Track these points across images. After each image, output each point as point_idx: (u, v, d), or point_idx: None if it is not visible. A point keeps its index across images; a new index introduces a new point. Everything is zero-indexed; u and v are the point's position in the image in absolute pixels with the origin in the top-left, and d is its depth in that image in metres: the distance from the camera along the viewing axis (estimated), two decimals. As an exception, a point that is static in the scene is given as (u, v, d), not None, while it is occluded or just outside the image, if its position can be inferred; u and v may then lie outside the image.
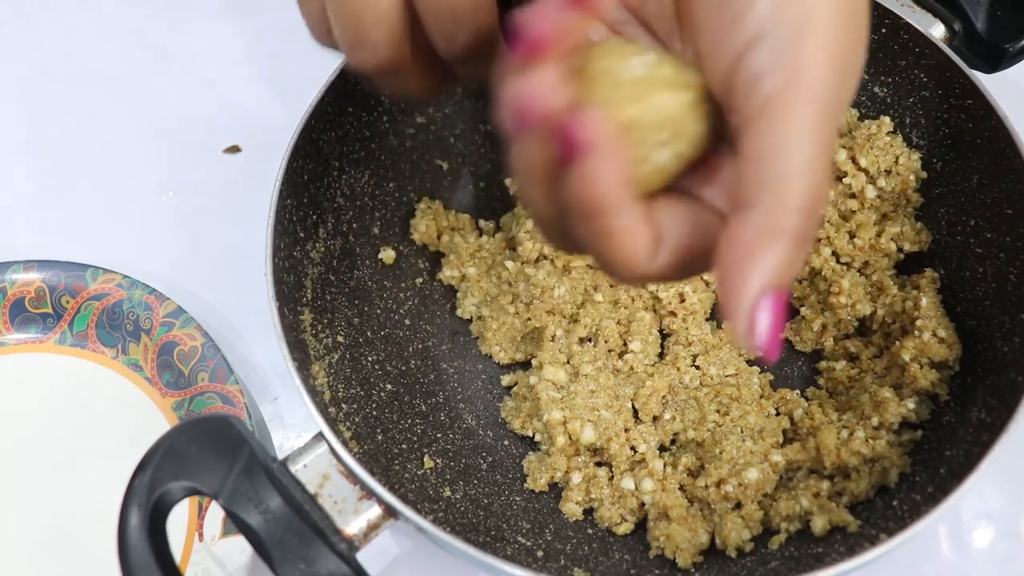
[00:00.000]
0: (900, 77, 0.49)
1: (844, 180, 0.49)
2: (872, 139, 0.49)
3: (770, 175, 0.24)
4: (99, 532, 0.46)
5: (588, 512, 0.45)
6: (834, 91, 0.25)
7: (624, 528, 0.44)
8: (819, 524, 0.41)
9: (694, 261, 0.27)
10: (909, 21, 0.47)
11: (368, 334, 0.48)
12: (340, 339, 0.45)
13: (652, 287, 0.49)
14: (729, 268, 0.25)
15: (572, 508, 0.44)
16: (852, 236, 0.49)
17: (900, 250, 0.49)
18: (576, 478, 0.44)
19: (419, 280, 0.52)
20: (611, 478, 0.45)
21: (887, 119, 0.49)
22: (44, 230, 0.57)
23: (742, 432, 0.45)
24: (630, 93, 0.25)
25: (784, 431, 0.46)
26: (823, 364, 0.48)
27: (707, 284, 0.50)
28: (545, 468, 0.45)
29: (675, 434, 0.47)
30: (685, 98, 0.26)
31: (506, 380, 0.50)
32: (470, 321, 0.51)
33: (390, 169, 0.50)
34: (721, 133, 0.27)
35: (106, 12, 0.65)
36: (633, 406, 0.47)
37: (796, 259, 0.25)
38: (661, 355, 0.49)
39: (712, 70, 0.26)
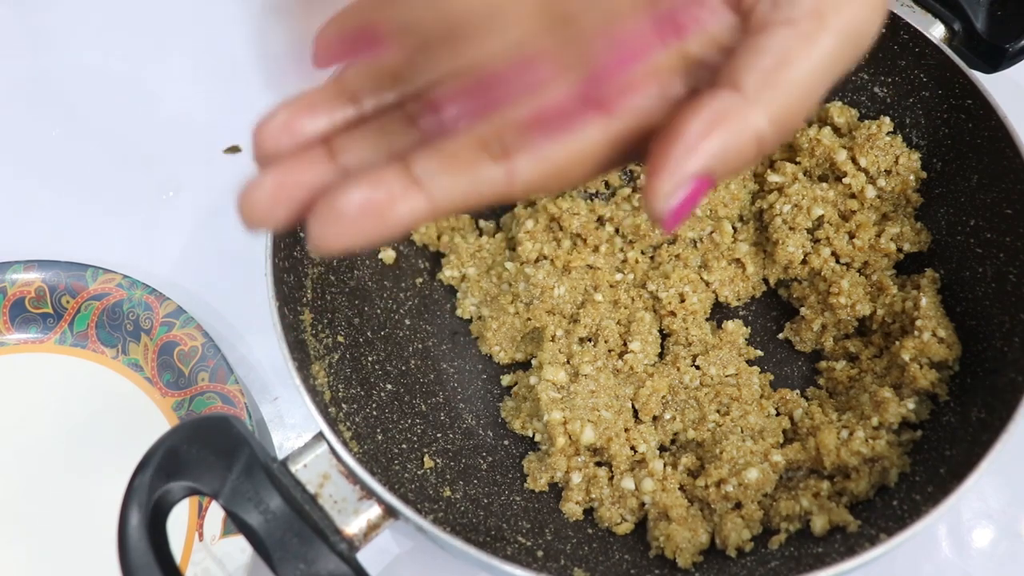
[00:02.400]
0: (900, 77, 0.49)
1: (844, 180, 0.49)
2: (872, 139, 0.49)
3: (772, 75, 0.24)
4: (99, 532, 0.46)
5: (588, 512, 0.45)
6: (863, 28, 0.25)
7: (624, 528, 0.44)
8: (819, 524, 0.41)
9: None
10: (909, 21, 0.47)
11: (368, 334, 0.47)
12: (340, 339, 0.45)
13: (652, 287, 0.49)
14: (682, 133, 0.24)
15: (572, 508, 0.44)
16: (852, 236, 0.49)
17: (900, 250, 0.49)
18: (576, 478, 0.44)
19: (419, 280, 0.52)
20: (611, 478, 0.45)
21: (887, 119, 0.49)
22: (44, 230, 0.57)
23: (742, 432, 0.45)
24: None
25: (784, 431, 0.46)
26: (823, 364, 0.48)
27: (707, 285, 0.50)
28: (545, 468, 0.45)
29: (675, 434, 0.47)
30: None
31: (506, 380, 0.50)
32: (470, 321, 0.51)
33: (390, 169, 0.50)
34: None
35: (106, 12, 0.65)
36: (633, 406, 0.47)
37: (744, 158, 0.25)
38: (661, 355, 0.49)
39: None
